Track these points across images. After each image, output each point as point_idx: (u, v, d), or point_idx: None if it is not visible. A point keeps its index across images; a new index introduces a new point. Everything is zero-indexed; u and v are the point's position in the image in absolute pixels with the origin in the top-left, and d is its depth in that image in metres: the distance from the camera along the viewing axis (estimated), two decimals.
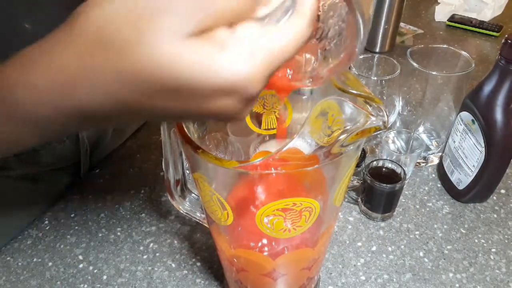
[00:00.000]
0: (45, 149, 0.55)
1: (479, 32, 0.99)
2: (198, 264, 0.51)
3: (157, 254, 0.52)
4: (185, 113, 0.21)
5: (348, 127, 0.27)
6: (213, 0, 0.19)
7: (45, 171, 0.56)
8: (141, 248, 0.53)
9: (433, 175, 0.62)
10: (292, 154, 0.27)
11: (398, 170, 0.54)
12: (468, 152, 0.53)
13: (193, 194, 0.42)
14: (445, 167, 0.59)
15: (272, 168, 0.27)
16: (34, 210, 0.57)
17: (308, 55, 0.27)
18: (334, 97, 0.27)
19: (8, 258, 0.52)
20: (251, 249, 0.36)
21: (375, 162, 0.55)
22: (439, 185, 0.61)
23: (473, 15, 1.02)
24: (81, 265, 0.51)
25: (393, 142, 0.62)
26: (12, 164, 0.53)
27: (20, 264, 0.51)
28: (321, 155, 0.28)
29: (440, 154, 0.63)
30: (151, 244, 0.53)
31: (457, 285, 0.48)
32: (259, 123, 0.40)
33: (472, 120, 0.51)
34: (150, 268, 0.50)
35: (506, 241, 0.52)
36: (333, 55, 0.26)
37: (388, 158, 0.56)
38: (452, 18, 1.02)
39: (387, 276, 0.49)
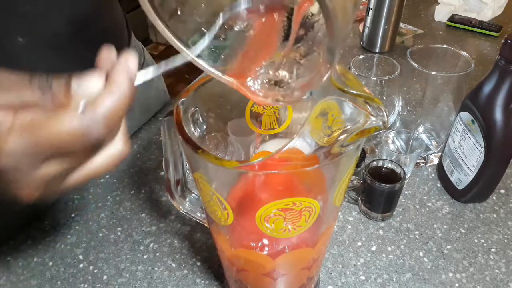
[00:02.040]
0: None
1: (479, 32, 0.99)
2: (198, 264, 0.51)
3: (157, 254, 0.52)
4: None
5: (348, 127, 0.27)
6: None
7: None
8: (141, 248, 0.53)
9: (433, 175, 0.62)
10: (292, 154, 0.27)
11: (398, 170, 0.54)
12: (468, 152, 0.53)
13: (193, 194, 0.42)
14: (444, 167, 0.60)
15: (272, 168, 0.27)
16: (33, 210, 0.57)
17: (283, 73, 0.27)
18: (334, 97, 0.27)
19: (8, 258, 0.52)
20: (251, 249, 0.36)
21: (375, 162, 0.55)
22: (438, 185, 0.61)
23: (473, 15, 1.02)
24: (81, 265, 0.51)
25: (393, 142, 0.62)
26: None
27: (20, 264, 0.51)
28: (321, 155, 0.28)
29: (439, 154, 0.63)
30: (151, 244, 0.53)
31: (456, 285, 0.48)
32: (259, 123, 0.40)
33: (472, 120, 0.51)
34: (150, 268, 0.50)
35: (505, 241, 0.53)
36: (306, 72, 0.26)
37: (388, 158, 0.56)
38: (452, 18, 1.02)
39: (387, 276, 0.49)
